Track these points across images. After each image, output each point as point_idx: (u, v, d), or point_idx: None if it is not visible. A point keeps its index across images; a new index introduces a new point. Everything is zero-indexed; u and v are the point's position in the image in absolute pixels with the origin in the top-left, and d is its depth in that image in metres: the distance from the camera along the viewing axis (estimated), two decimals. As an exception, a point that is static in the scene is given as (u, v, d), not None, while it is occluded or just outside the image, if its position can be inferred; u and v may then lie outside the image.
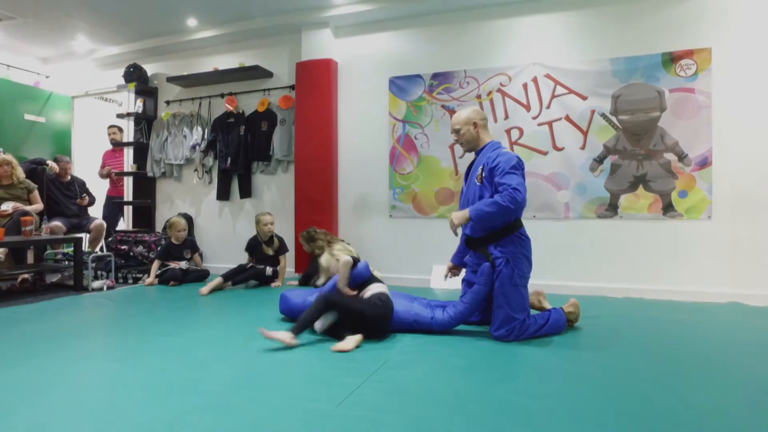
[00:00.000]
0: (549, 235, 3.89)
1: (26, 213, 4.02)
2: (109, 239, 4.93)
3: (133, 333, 2.63)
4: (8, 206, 4.19)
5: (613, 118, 3.77)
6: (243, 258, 4.40)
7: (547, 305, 2.76)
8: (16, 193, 4.31)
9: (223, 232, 5.09)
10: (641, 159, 3.71)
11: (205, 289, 3.80)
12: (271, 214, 4.31)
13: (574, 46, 3.90)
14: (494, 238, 2.49)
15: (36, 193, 4.44)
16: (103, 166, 5.45)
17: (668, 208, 3.65)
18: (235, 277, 4.07)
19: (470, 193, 2.61)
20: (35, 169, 4.66)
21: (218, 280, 3.95)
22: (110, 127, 5.44)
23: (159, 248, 4.49)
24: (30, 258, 4.60)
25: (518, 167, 2.44)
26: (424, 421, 1.52)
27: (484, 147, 2.61)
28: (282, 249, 4.30)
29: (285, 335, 2.27)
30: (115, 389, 1.81)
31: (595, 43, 3.84)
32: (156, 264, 4.31)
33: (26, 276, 4.17)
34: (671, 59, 3.61)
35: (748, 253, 3.46)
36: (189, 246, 4.50)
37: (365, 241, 4.51)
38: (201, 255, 4.77)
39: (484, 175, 2.50)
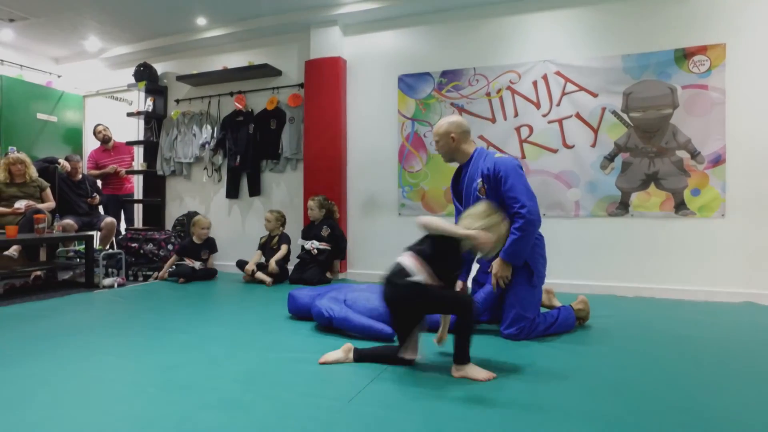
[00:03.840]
0: (559, 234, 3.86)
1: (39, 211, 4.06)
2: (119, 237, 4.97)
3: (143, 330, 2.65)
4: (21, 204, 4.24)
5: (625, 116, 3.73)
6: (251, 256, 4.46)
7: (557, 303, 2.74)
8: (29, 191, 4.36)
9: (232, 230, 5.11)
10: (653, 157, 3.67)
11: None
12: (272, 212, 4.44)
13: (585, 43, 3.86)
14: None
15: (48, 191, 4.49)
16: (93, 166, 5.41)
17: (680, 207, 3.60)
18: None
19: (470, 203, 2.49)
20: (47, 168, 4.70)
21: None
22: (98, 125, 5.38)
23: (179, 243, 4.56)
24: (42, 255, 4.64)
25: (521, 173, 2.37)
26: (435, 418, 1.51)
27: (472, 157, 2.52)
28: (282, 241, 4.42)
29: (343, 356, 2.04)
30: (126, 385, 1.82)
31: (607, 39, 3.80)
32: (173, 259, 4.39)
33: (39, 273, 4.22)
34: (684, 55, 3.57)
35: (762, 251, 3.41)
36: (208, 246, 4.57)
37: (374, 239, 4.51)
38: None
39: (486, 187, 2.41)
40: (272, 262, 4.21)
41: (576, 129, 3.86)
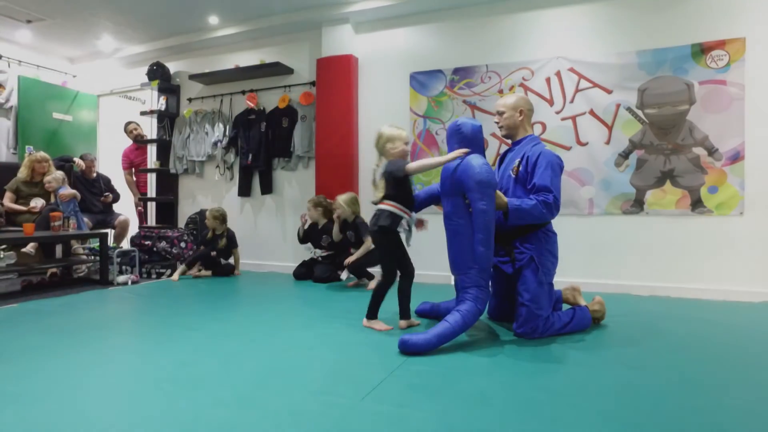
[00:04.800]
0: (572, 232, 3.82)
1: (55, 209, 4.12)
2: (133, 235, 5.02)
3: (158, 326, 2.67)
4: (37, 203, 4.31)
5: (640, 112, 3.68)
6: (263, 253, 4.46)
7: (582, 302, 2.71)
8: (41, 191, 4.43)
9: (244, 228, 5.13)
10: (668, 154, 3.61)
11: None
12: (210, 211, 4.58)
13: (599, 39, 3.81)
14: (521, 233, 2.46)
15: None
16: (128, 165, 5.55)
17: (697, 204, 3.54)
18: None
19: (501, 185, 2.57)
20: (63, 167, 4.76)
21: None
22: (130, 123, 5.52)
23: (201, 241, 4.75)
24: (59, 252, 4.71)
25: (560, 169, 2.43)
26: (448, 416, 1.50)
27: (524, 139, 2.59)
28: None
29: None
30: (141, 381, 1.84)
31: (622, 35, 3.74)
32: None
33: (55, 270, 4.28)
34: (701, 50, 3.50)
35: (782, 250, 3.33)
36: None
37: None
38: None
39: (520, 169, 2.47)
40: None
41: (590, 126, 3.81)
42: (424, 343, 2.14)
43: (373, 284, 3.88)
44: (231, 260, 4.69)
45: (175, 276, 4.31)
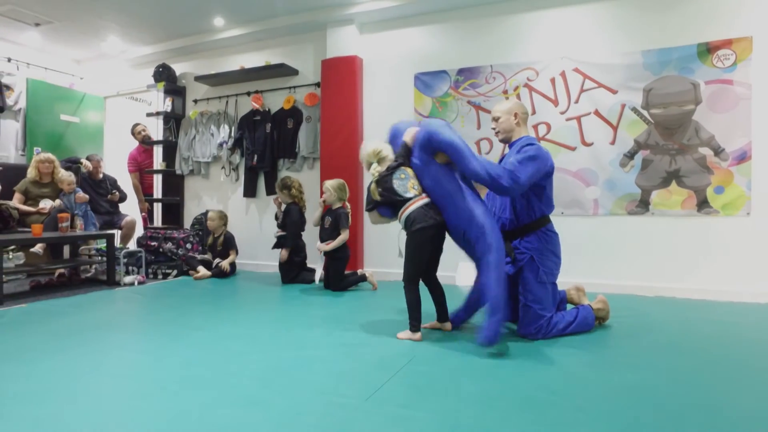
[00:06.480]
0: (577, 232, 3.81)
1: (63, 210, 4.16)
2: (139, 236, 5.06)
3: (163, 327, 2.70)
4: (46, 204, 4.35)
5: (645, 112, 3.67)
6: (267, 254, 4.48)
7: (586, 301, 2.71)
8: (54, 192, 4.47)
9: (249, 228, 5.16)
10: (674, 154, 3.59)
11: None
12: (214, 211, 4.76)
13: (603, 39, 3.80)
14: (521, 233, 2.46)
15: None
16: (135, 168, 5.56)
17: (703, 205, 3.52)
18: None
19: None
20: (70, 168, 4.81)
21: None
22: (137, 125, 5.55)
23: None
24: (66, 253, 4.75)
25: (537, 159, 2.34)
26: (452, 417, 1.51)
27: (520, 139, 2.58)
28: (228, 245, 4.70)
29: None
30: (146, 381, 1.86)
31: (627, 35, 3.73)
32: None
33: (63, 270, 4.32)
34: (708, 50, 3.48)
35: (789, 251, 3.31)
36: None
37: (390, 237, 4.50)
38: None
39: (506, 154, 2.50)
40: (225, 264, 4.53)
41: (595, 126, 3.80)
42: (494, 334, 2.15)
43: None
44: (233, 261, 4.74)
45: (202, 274, 4.44)
